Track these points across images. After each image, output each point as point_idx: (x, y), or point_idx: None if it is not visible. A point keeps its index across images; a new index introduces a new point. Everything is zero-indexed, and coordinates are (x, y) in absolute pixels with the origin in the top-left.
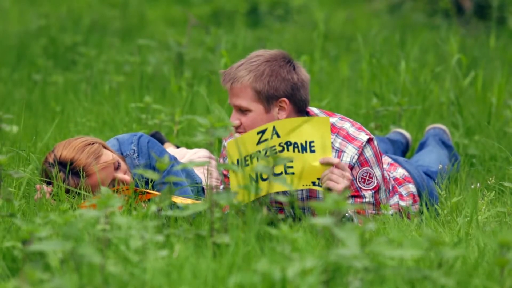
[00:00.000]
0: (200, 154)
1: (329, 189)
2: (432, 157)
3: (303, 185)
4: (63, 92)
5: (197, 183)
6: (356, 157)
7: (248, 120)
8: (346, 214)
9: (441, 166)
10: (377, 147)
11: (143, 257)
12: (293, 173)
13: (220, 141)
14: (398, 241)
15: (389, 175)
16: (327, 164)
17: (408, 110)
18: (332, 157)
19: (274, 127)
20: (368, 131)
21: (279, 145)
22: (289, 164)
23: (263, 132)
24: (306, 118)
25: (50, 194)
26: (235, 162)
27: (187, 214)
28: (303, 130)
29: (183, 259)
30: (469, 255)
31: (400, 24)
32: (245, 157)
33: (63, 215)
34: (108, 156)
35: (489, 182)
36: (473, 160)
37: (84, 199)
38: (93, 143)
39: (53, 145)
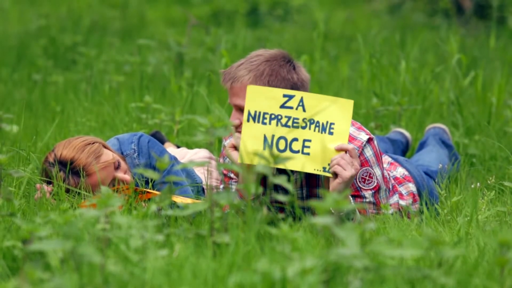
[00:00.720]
0: (201, 154)
1: (335, 175)
2: (432, 157)
3: (314, 170)
4: (63, 92)
5: (197, 183)
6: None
7: None
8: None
9: (441, 165)
10: (377, 147)
11: (143, 256)
12: (308, 153)
13: (220, 141)
14: (398, 240)
15: (389, 175)
16: (341, 150)
17: (408, 110)
18: (346, 144)
19: (302, 98)
20: (368, 130)
21: (303, 120)
22: (307, 144)
23: (289, 97)
24: (332, 98)
25: (50, 193)
26: (252, 112)
27: (187, 214)
28: (327, 109)
29: (183, 258)
30: (469, 254)
31: (400, 24)
32: (264, 113)
33: (63, 214)
34: (108, 155)
35: (489, 182)
36: (473, 160)
37: (84, 198)
38: (93, 143)
39: (53, 145)
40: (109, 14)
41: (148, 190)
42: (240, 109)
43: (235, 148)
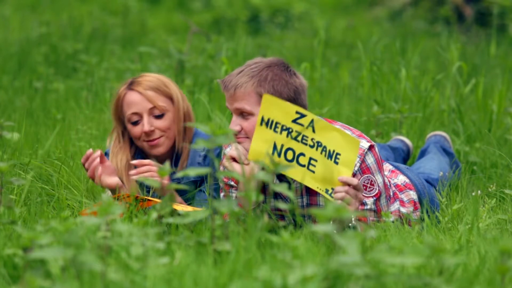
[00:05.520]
0: None
1: None
2: (433, 164)
3: (317, 187)
4: (64, 99)
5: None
6: (358, 164)
7: (250, 125)
8: (350, 224)
9: (442, 173)
10: (378, 154)
11: (144, 264)
12: (313, 171)
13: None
14: (399, 248)
15: (389, 182)
16: (345, 183)
17: (409, 118)
18: (352, 177)
19: (312, 120)
20: (369, 138)
21: (311, 140)
22: (313, 162)
23: (301, 115)
24: (341, 131)
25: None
26: (265, 119)
27: (188, 222)
28: (336, 139)
29: (184, 266)
30: (470, 262)
31: (401, 32)
32: (276, 122)
33: (64, 222)
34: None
35: (490, 189)
36: (474, 167)
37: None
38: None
39: (54, 152)
40: (110, 22)
41: (149, 197)
42: (242, 113)
43: (234, 159)
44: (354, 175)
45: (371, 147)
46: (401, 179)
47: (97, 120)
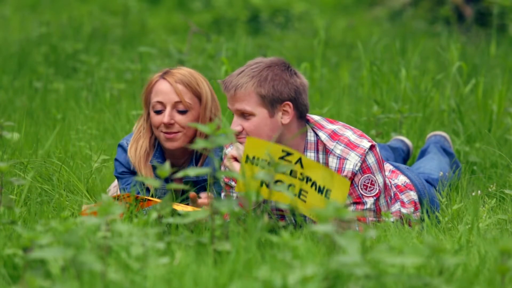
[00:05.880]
0: None
1: None
2: (433, 165)
3: (310, 214)
4: (64, 99)
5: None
6: (359, 164)
7: (251, 125)
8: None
9: (442, 173)
10: (379, 154)
11: (144, 264)
12: (304, 201)
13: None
14: (399, 248)
15: (390, 182)
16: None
17: (409, 118)
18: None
19: (300, 158)
20: (370, 138)
21: (301, 174)
22: (304, 193)
23: (288, 153)
24: (330, 170)
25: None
26: (250, 157)
27: (188, 222)
28: (325, 177)
29: (184, 266)
30: (470, 262)
31: (401, 32)
32: (262, 160)
33: (64, 222)
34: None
35: (490, 190)
36: (474, 168)
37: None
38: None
39: (54, 152)
40: (110, 22)
41: (149, 197)
42: (243, 115)
43: (236, 159)
44: (354, 174)
45: (372, 147)
46: (401, 179)
47: (97, 120)
